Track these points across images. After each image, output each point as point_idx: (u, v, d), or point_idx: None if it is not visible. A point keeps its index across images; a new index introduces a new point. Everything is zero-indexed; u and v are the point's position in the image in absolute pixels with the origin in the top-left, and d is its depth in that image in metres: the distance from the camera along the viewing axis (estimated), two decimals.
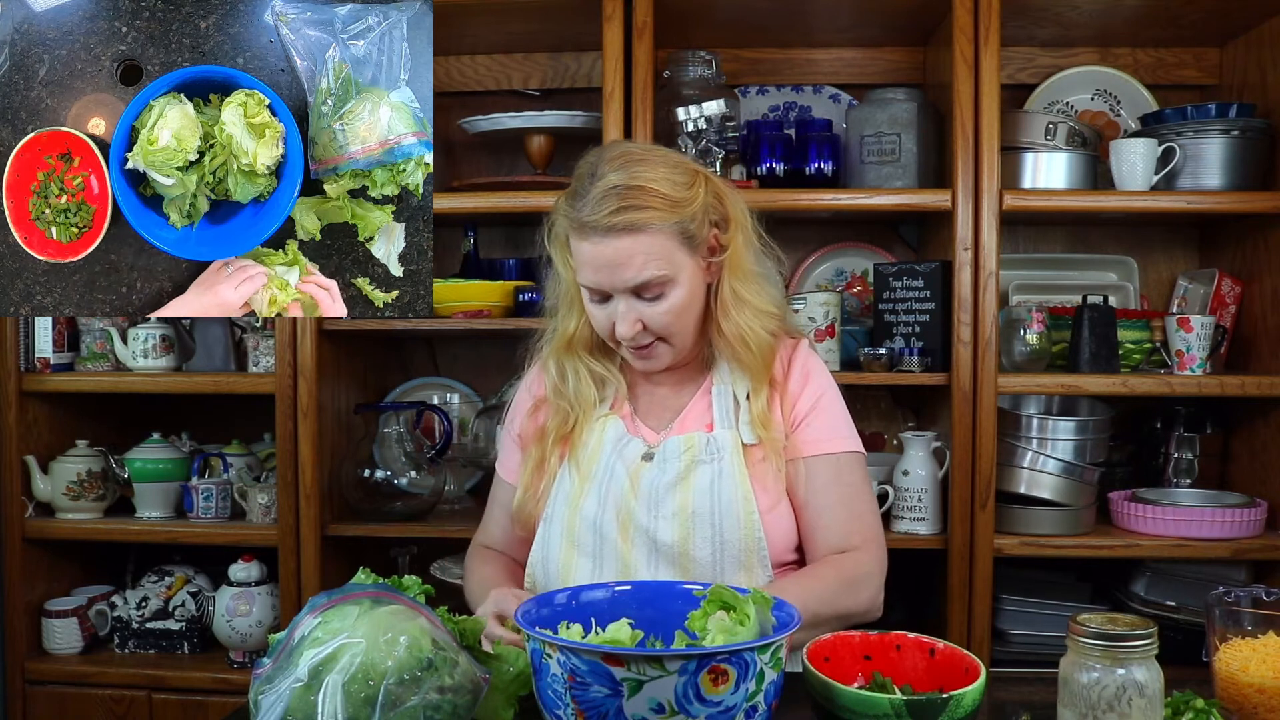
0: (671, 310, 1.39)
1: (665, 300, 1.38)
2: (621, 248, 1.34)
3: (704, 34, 2.33)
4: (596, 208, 1.34)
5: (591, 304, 1.42)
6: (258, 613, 2.25)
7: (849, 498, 1.45)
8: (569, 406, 1.49)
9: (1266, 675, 1.10)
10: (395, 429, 2.26)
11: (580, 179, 1.39)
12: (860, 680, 1.17)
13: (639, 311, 1.38)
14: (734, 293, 1.44)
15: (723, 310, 1.44)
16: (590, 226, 1.34)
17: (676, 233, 1.36)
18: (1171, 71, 2.40)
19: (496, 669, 1.11)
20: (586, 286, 1.41)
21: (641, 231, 1.34)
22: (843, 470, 1.46)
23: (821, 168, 2.18)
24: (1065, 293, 2.37)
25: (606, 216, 1.33)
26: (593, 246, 1.36)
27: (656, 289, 1.37)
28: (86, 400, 2.43)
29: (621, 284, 1.37)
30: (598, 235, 1.34)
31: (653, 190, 1.35)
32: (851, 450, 1.47)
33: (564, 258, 1.46)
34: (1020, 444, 2.11)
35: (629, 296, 1.38)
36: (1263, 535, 2.05)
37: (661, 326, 1.40)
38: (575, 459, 1.48)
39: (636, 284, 1.36)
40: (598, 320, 1.43)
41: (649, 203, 1.34)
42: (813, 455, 1.45)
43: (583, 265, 1.39)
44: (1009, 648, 2.11)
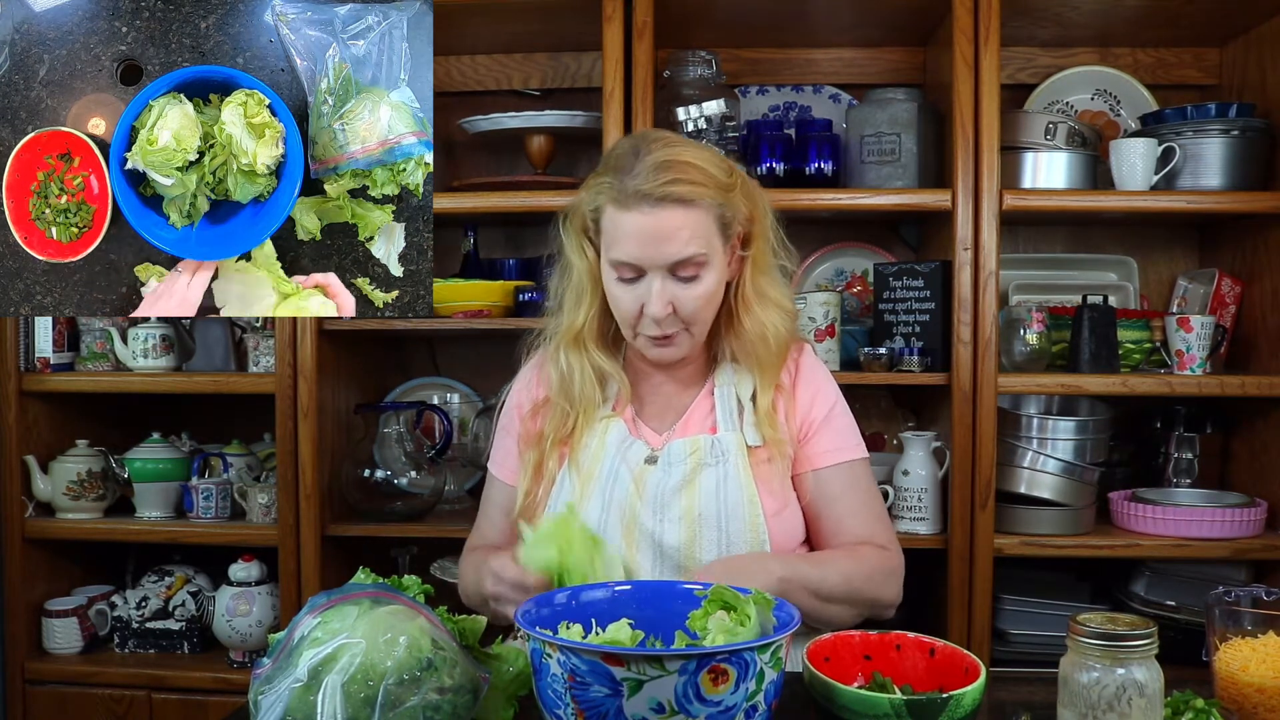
0: (704, 295, 1.39)
1: (700, 283, 1.38)
2: (670, 219, 1.34)
3: (704, 34, 2.33)
4: (650, 177, 1.34)
5: (619, 285, 1.40)
6: (258, 613, 2.25)
7: (867, 501, 1.48)
8: (569, 406, 1.48)
9: (1266, 675, 1.10)
10: (395, 429, 2.26)
11: (621, 157, 1.39)
12: (860, 680, 1.17)
13: (672, 293, 1.38)
14: (758, 289, 1.45)
15: (745, 305, 1.45)
16: (641, 195, 1.34)
17: (716, 216, 1.38)
18: (1171, 71, 2.40)
19: (496, 669, 1.11)
20: (622, 262, 1.38)
21: (691, 206, 1.35)
22: (858, 476, 1.48)
23: (821, 168, 2.18)
24: (1065, 293, 2.37)
25: (661, 186, 1.33)
26: (640, 217, 1.35)
27: (694, 269, 1.37)
28: (86, 400, 2.43)
29: (663, 258, 1.36)
30: (648, 205, 1.34)
31: (703, 169, 1.37)
32: (863, 457, 1.50)
33: (580, 246, 1.45)
34: (1020, 444, 2.11)
35: (665, 276, 1.37)
36: (1263, 535, 2.05)
37: (692, 312, 1.39)
38: (575, 461, 1.47)
39: (679, 259, 1.35)
40: (623, 303, 1.40)
41: (700, 179, 1.36)
42: (827, 466, 1.46)
43: (623, 238, 1.37)
44: (1009, 648, 2.11)
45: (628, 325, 1.43)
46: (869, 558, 1.43)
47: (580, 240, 1.46)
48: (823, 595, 1.36)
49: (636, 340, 1.44)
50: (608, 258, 1.40)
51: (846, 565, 1.40)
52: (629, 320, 1.42)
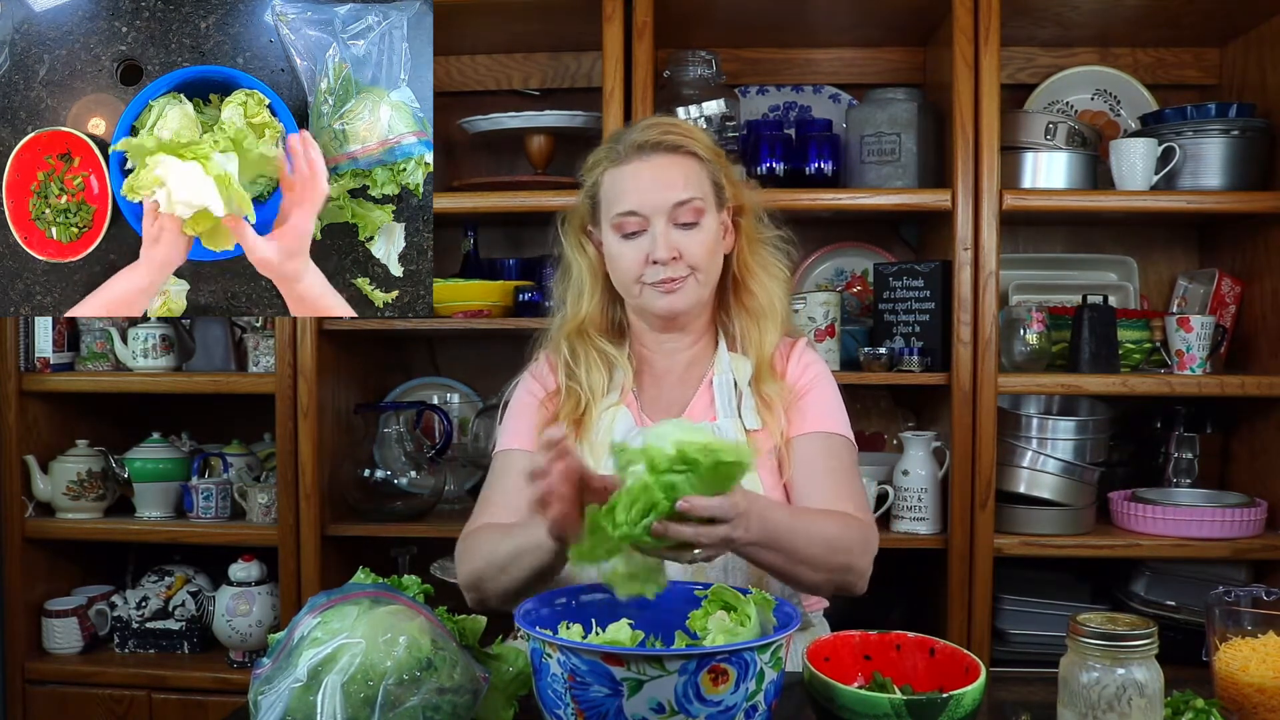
0: (705, 242, 1.44)
1: (701, 230, 1.43)
2: (667, 164, 1.43)
3: (704, 34, 2.33)
4: (645, 131, 1.45)
5: (623, 243, 1.44)
6: (258, 612, 2.25)
7: (835, 470, 1.44)
8: (580, 389, 1.50)
9: (1266, 675, 1.10)
10: (395, 429, 2.26)
11: (614, 133, 1.52)
12: (860, 680, 1.17)
13: (675, 239, 1.42)
14: (758, 257, 1.53)
15: (749, 272, 1.52)
16: (638, 146, 1.44)
17: (709, 176, 1.46)
18: (1171, 71, 2.40)
19: (496, 669, 1.11)
20: (624, 213, 1.43)
21: (685, 153, 1.45)
22: (835, 448, 1.46)
23: (821, 167, 2.18)
24: (1065, 293, 2.37)
25: (656, 135, 1.44)
26: (638, 165, 1.44)
27: (693, 214, 1.43)
28: (86, 400, 2.43)
29: (664, 202, 1.41)
30: (645, 154, 1.44)
31: (694, 132, 1.49)
32: (841, 434, 1.47)
33: (580, 244, 1.52)
34: (1020, 444, 2.11)
35: (666, 222, 1.42)
36: (1263, 535, 2.05)
37: (696, 257, 1.43)
38: (588, 443, 1.47)
39: (679, 200, 1.42)
40: (627, 258, 1.44)
41: (692, 134, 1.48)
42: (799, 434, 1.46)
43: (624, 191, 1.44)
44: (1009, 648, 2.10)
45: (633, 280, 1.45)
46: (850, 523, 1.37)
47: (579, 239, 1.51)
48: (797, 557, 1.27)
49: (643, 296, 1.46)
50: (609, 218, 1.45)
51: (823, 526, 1.33)
52: (634, 273, 1.44)
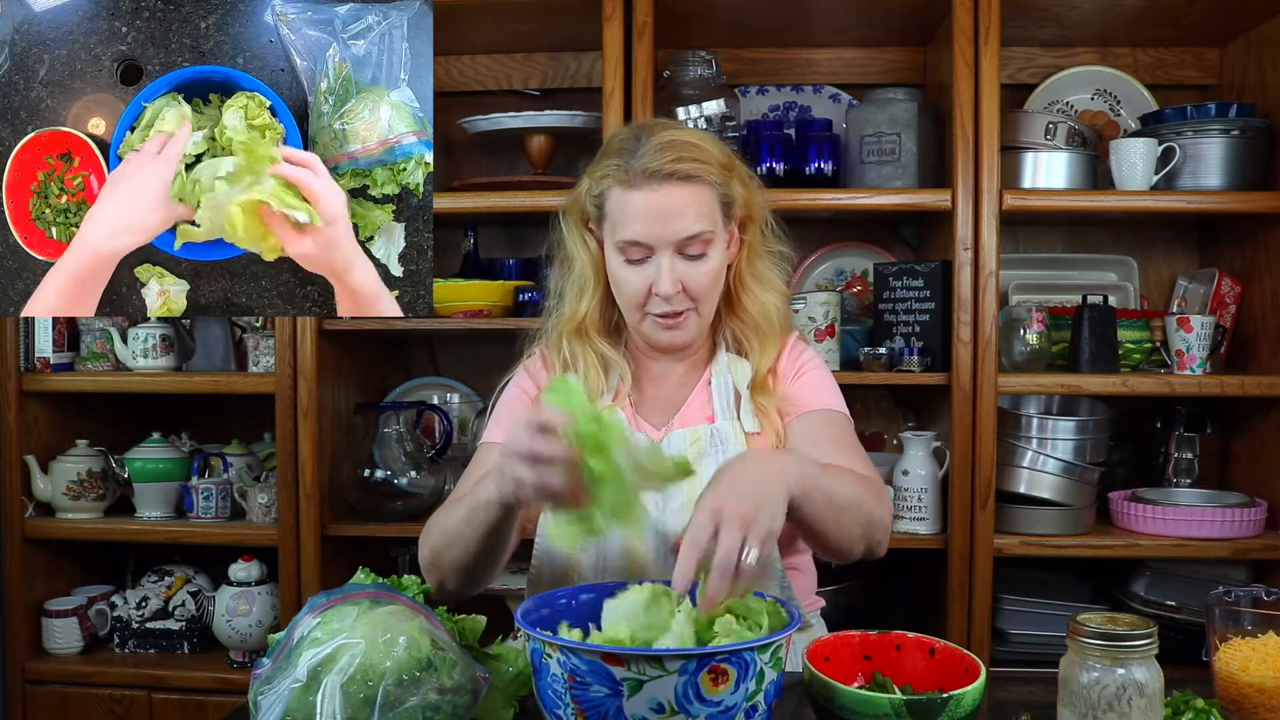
0: (711, 272, 1.41)
1: (707, 261, 1.40)
2: (677, 196, 1.37)
3: (704, 34, 2.33)
4: (656, 156, 1.36)
5: (626, 268, 1.41)
6: (258, 612, 2.25)
7: (837, 438, 1.42)
8: None
9: (1266, 675, 1.10)
10: (395, 429, 2.26)
11: (624, 142, 1.41)
12: (860, 680, 1.16)
13: (680, 271, 1.39)
14: (755, 271, 1.49)
15: (744, 287, 1.48)
16: (649, 173, 1.36)
17: (719, 196, 1.41)
18: (1171, 71, 2.40)
19: (496, 669, 1.11)
20: (630, 242, 1.39)
21: (697, 182, 1.38)
22: (831, 420, 1.44)
23: (821, 167, 2.18)
24: (1065, 293, 2.37)
25: (668, 163, 1.36)
26: (648, 194, 1.37)
27: (701, 246, 1.39)
28: (86, 400, 2.43)
29: (673, 234, 1.37)
30: (655, 182, 1.36)
31: (705, 149, 1.40)
32: (838, 409, 1.46)
33: (582, 238, 1.47)
34: (1020, 444, 2.11)
35: (673, 254, 1.39)
36: (1263, 535, 2.05)
37: (700, 290, 1.41)
38: None
39: (687, 235, 1.37)
40: (630, 285, 1.41)
41: (704, 158, 1.39)
42: (805, 411, 1.45)
43: (631, 218, 1.38)
44: (1009, 648, 2.11)
45: (635, 308, 1.43)
46: (871, 482, 1.35)
47: (581, 232, 1.47)
48: (837, 504, 1.25)
49: (644, 324, 1.45)
50: (614, 241, 1.41)
51: (847, 475, 1.31)
52: (636, 301, 1.42)
